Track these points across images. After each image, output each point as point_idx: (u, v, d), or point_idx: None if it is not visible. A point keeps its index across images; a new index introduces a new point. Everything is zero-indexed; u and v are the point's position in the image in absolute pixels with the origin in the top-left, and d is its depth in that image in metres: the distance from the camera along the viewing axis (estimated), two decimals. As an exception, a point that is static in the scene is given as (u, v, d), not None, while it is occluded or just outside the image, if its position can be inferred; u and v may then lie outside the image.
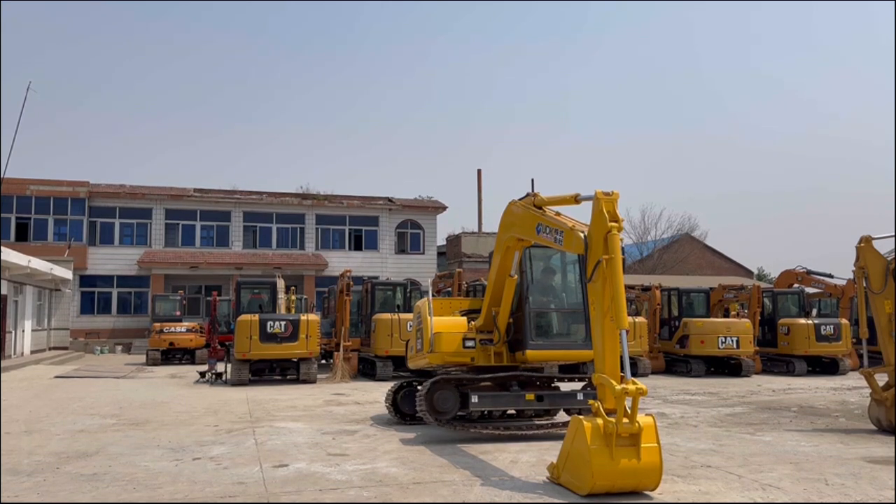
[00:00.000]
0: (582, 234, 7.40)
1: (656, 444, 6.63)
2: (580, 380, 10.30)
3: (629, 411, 6.54)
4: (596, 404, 6.70)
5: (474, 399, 9.46)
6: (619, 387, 6.55)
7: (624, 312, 6.79)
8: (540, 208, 8.48)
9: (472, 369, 10.03)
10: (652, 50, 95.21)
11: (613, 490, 6.49)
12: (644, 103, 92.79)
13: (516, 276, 9.60)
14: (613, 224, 7.05)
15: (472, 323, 10.20)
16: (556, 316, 9.96)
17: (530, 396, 9.67)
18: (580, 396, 9.67)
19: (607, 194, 7.23)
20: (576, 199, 7.92)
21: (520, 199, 8.99)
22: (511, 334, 9.90)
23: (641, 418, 6.61)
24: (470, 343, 9.85)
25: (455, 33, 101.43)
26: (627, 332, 6.89)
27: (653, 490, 6.62)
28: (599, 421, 6.53)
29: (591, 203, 7.31)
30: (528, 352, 9.50)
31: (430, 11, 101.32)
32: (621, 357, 6.82)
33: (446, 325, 10.15)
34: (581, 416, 6.73)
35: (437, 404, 9.52)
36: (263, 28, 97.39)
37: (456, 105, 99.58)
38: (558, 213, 8.40)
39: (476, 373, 9.98)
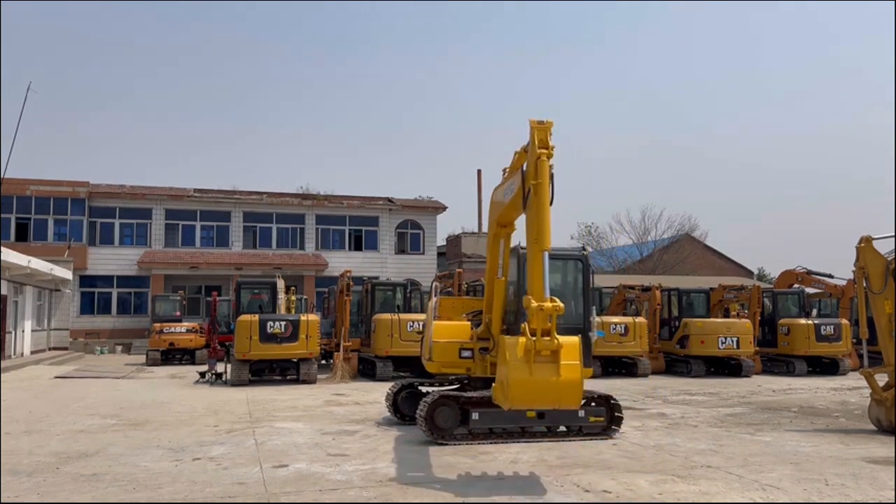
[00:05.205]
0: (522, 170, 7.66)
1: (577, 363, 6.78)
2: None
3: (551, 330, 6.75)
4: (524, 325, 6.90)
5: (475, 416, 9.26)
6: (535, 304, 6.71)
7: (546, 234, 7.01)
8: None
9: (471, 381, 9.96)
10: (652, 50, 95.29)
11: (534, 406, 6.73)
12: (645, 103, 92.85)
13: (503, 278, 9.46)
14: (543, 151, 7.29)
15: (476, 329, 10.03)
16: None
17: (531, 414, 9.36)
18: (581, 413, 9.45)
19: (541, 123, 7.46)
20: (523, 150, 8.09)
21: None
22: None
23: (564, 338, 6.77)
24: (467, 353, 9.72)
25: (456, 33, 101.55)
26: (548, 252, 7.08)
27: (574, 408, 6.83)
28: (522, 339, 6.70)
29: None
30: None
31: (432, 11, 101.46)
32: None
33: (447, 332, 9.98)
34: (508, 336, 6.99)
35: (438, 421, 9.29)
36: (264, 28, 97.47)
37: (456, 105, 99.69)
38: None
39: (475, 385, 9.83)
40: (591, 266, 10.14)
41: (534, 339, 6.70)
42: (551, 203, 7.24)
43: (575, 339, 6.92)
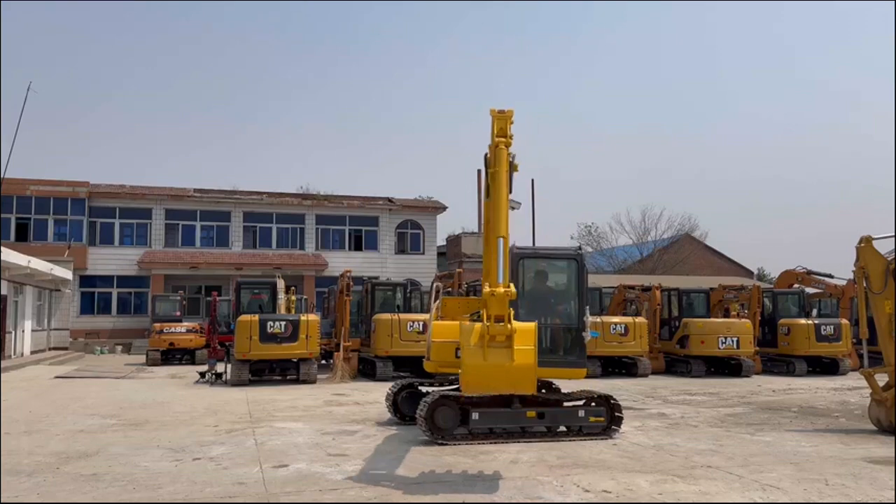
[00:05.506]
0: (485, 160, 7.92)
1: (532, 348, 6.88)
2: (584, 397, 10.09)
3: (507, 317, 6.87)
4: (482, 311, 6.98)
5: (475, 416, 9.12)
6: (487, 289, 6.80)
7: (502, 221, 7.13)
8: None
9: None
10: (653, 50, 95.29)
11: (489, 391, 6.79)
12: (646, 103, 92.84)
13: None
14: (500, 139, 7.51)
15: None
16: (547, 331, 9.57)
17: (531, 413, 9.29)
18: (582, 413, 9.41)
19: (501, 112, 7.67)
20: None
21: None
22: None
23: (519, 323, 6.85)
24: None
25: (456, 34, 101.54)
26: (504, 238, 7.16)
27: (529, 393, 6.88)
28: (478, 325, 6.79)
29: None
30: None
31: (432, 12, 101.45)
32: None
33: (446, 331, 9.87)
34: (466, 323, 7.08)
35: (438, 421, 9.17)
36: (265, 28, 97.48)
37: (456, 105, 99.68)
38: None
39: None
40: (586, 265, 10.12)
41: (488, 324, 6.77)
42: (510, 192, 7.39)
43: (530, 325, 6.99)
